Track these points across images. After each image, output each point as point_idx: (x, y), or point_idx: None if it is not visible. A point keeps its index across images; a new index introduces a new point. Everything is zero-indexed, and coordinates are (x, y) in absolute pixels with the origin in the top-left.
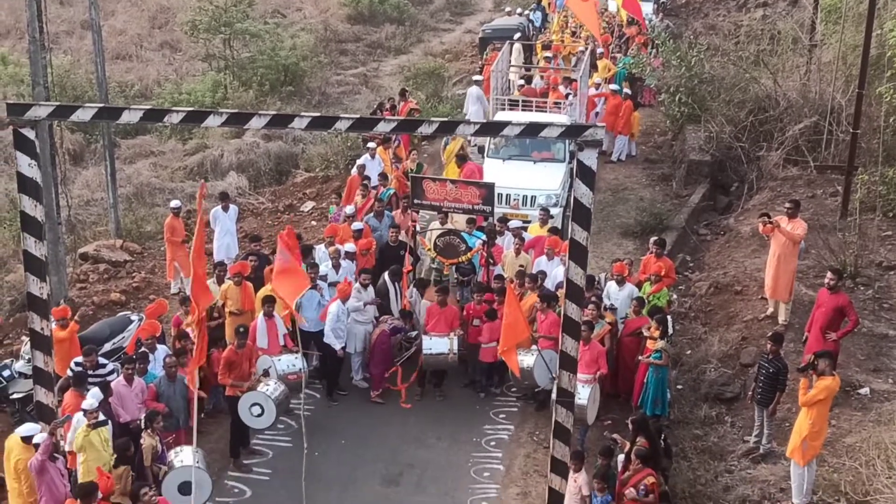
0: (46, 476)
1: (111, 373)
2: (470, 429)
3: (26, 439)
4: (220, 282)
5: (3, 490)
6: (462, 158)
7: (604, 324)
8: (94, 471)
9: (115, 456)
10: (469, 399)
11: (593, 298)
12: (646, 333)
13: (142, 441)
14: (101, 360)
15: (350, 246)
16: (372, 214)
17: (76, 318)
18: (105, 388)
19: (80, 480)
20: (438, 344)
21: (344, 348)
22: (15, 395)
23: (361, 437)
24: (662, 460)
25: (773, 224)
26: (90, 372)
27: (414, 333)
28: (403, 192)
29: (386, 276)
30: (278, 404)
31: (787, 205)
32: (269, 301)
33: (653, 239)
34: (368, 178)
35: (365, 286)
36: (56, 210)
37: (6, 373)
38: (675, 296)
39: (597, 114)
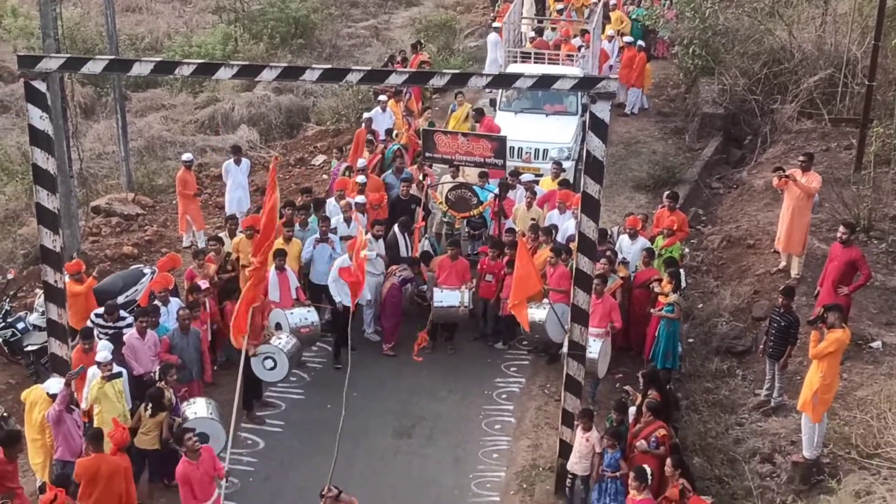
0: (63, 427)
1: (128, 325)
2: (481, 382)
3: (54, 396)
4: (231, 235)
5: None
6: (480, 113)
7: (616, 278)
8: (110, 422)
9: (150, 405)
10: (480, 352)
11: (607, 252)
12: (657, 289)
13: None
14: (121, 314)
15: (360, 198)
16: (391, 171)
17: (94, 273)
18: (117, 339)
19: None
20: (450, 297)
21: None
22: (29, 348)
23: (373, 390)
24: (674, 413)
25: (788, 177)
26: (109, 322)
27: (425, 287)
28: (415, 150)
29: (396, 227)
30: (290, 357)
31: (801, 158)
32: (281, 254)
33: (666, 193)
34: (374, 133)
35: (377, 237)
36: (68, 163)
37: (20, 325)
38: (687, 249)
39: (610, 67)
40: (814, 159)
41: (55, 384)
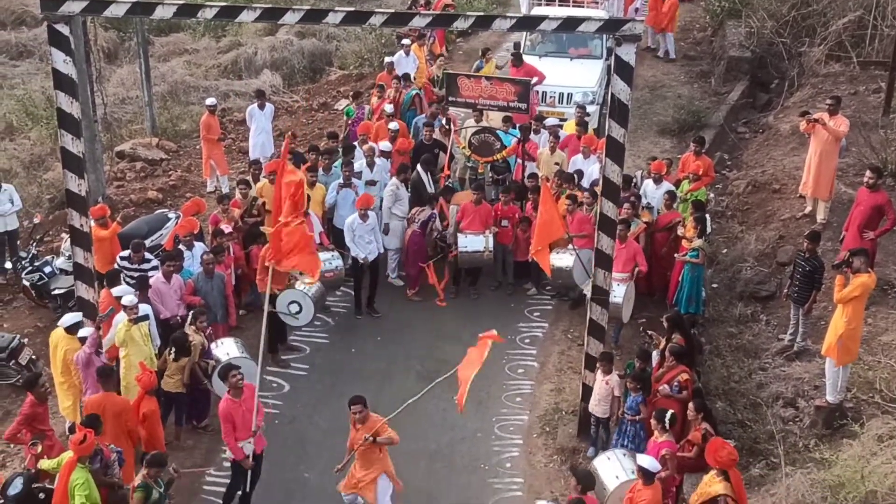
0: (92, 369)
1: (154, 268)
2: (504, 326)
3: (70, 329)
4: (255, 180)
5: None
6: (518, 58)
7: (639, 222)
8: (136, 366)
9: (174, 349)
10: (504, 297)
11: (631, 198)
12: (680, 233)
13: (189, 338)
14: (147, 255)
15: (385, 144)
16: (424, 116)
17: (119, 219)
18: (143, 282)
19: (122, 375)
20: (474, 242)
21: (366, 258)
22: (56, 292)
23: (397, 335)
24: (697, 357)
25: (816, 121)
26: (135, 266)
27: (449, 231)
28: (430, 100)
29: (419, 166)
30: (315, 302)
31: (829, 101)
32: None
33: (692, 137)
34: (398, 78)
35: (405, 183)
36: (91, 108)
37: (47, 269)
38: (712, 195)
39: (636, 9)
40: (841, 103)
41: (70, 318)
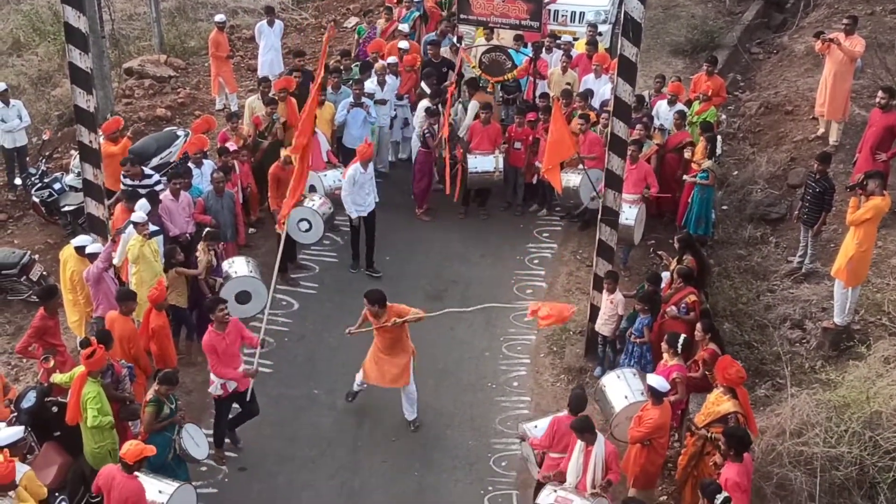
0: (103, 285)
1: (157, 183)
2: (513, 247)
3: (80, 250)
4: (264, 98)
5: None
6: None
7: (651, 143)
8: (147, 282)
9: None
10: (513, 218)
11: (644, 119)
12: (687, 155)
13: (197, 255)
14: (147, 171)
15: (392, 58)
16: (434, 33)
17: (129, 133)
18: (153, 199)
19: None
20: (484, 162)
21: (361, 217)
22: (66, 208)
23: (406, 254)
24: (707, 278)
25: (831, 41)
26: (136, 182)
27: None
28: (436, 20)
29: (422, 81)
30: (325, 220)
31: (845, 21)
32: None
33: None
34: None
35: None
36: (99, 23)
37: (57, 186)
38: (724, 116)
39: None
40: (858, 23)
41: (82, 239)
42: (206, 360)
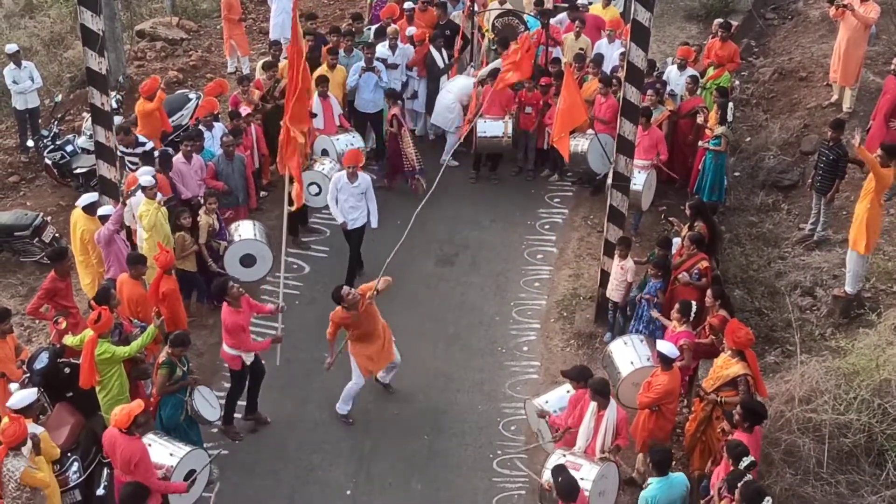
0: (114, 247)
1: (152, 150)
2: (524, 212)
3: (88, 209)
4: (275, 61)
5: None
6: None
7: (663, 109)
8: (156, 246)
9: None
10: (524, 183)
11: (656, 84)
12: (700, 121)
13: (198, 218)
14: (141, 139)
15: (412, 29)
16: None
17: (162, 85)
18: (166, 160)
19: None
20: (493, 127)
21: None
22: (78, 170)
23: (417, 218)
24: (718, 245)
25: (846, 7)
26: (129, 150)
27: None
28: None
29: (430, 44)
30: None
31: None
32: (324, 81)
33: (718, 21)
34: None
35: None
36: None
37: (69, 148)
38: (737, 82)
39: None
40: None
41: (88, 198)
42: (216, 323)
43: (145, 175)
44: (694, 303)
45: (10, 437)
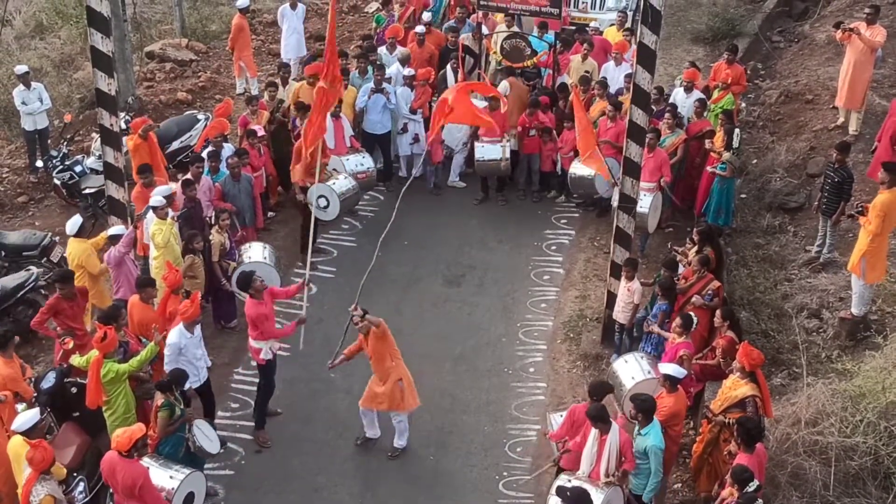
0: (124, 268)
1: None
2: (531, 233)
3: (77, 231)
4: (283, 83)
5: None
6: None
7: (680, 132)
8: (165, 266)
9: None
10: (531, 204)
11: (671, 110)
12: (708, 146)
13: (210, 237)
14: None
15: (409, 71)
16: (452, 22)
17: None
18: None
19: (154, 274)
20: (491, 151)
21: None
22: (87, 191)
23: (424, 239)
24: (722, 270)
25: (852, 30)
26: None
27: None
28: (456, 4)
29: (448, 67)
30: (343, 199)
31: (867, 10)
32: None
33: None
34: None
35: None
36: (121, 7)
37: (78, 168)
38: (744, 104)
39: None
40: (879, 12)
41: (74, 224)
42: (224, 343)
43: (156, 196)
44: (697, 318)
45: (38, 464)
